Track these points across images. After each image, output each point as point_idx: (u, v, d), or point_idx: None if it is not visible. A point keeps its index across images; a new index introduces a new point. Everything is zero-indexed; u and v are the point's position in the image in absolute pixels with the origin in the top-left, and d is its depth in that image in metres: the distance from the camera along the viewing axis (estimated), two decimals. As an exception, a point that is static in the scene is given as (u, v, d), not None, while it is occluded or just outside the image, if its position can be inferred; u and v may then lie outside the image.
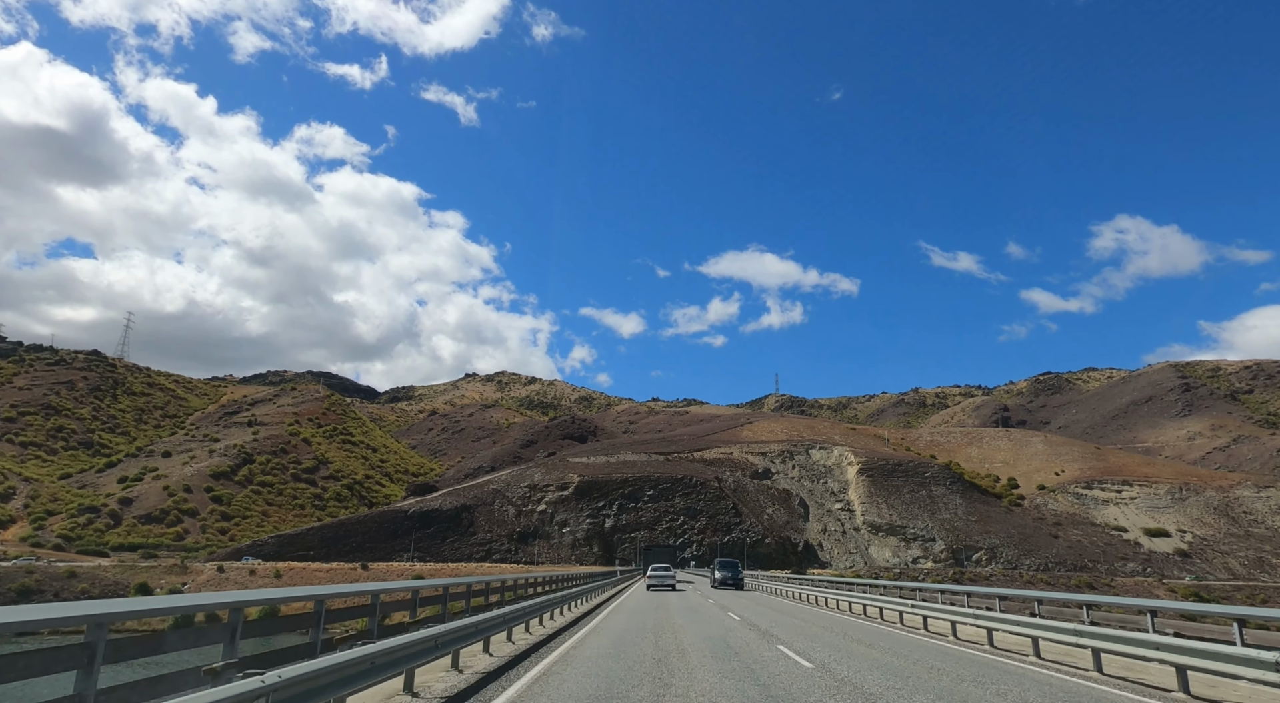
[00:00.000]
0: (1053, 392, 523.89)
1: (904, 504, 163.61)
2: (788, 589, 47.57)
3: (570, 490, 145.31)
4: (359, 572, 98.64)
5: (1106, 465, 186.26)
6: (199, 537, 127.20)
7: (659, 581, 49.82)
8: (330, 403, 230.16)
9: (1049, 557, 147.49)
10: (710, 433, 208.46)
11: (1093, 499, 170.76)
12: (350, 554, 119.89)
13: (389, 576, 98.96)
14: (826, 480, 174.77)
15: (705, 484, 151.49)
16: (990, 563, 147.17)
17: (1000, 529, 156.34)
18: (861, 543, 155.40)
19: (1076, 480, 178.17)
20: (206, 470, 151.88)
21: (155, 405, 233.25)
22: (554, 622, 23.36)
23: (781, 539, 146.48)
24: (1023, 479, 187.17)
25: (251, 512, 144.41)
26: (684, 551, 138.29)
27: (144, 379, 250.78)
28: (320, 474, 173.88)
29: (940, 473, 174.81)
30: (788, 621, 25.14)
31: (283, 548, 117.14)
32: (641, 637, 18.48)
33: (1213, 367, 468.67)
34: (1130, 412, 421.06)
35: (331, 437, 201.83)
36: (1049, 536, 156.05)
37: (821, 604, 35.61)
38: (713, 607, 31.66)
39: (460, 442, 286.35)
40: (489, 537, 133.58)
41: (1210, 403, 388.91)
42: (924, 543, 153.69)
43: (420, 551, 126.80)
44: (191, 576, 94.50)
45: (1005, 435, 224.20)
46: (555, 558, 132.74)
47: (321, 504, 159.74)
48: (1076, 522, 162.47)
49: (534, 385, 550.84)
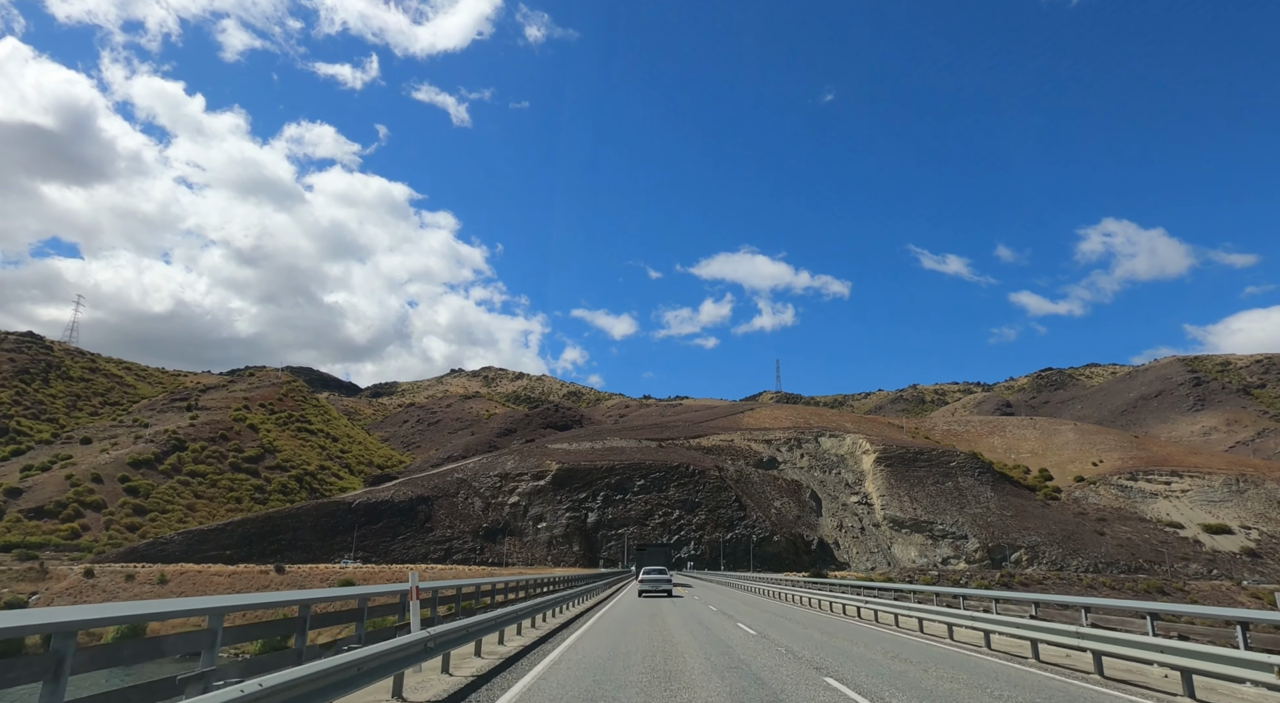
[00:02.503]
0: (1056, 387, 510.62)
1: (928, 498, 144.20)
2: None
3: (547, 480, 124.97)
4: (272, 577, 78.04)
5: (1149, 455, 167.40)
6: (99, 534, 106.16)
7: (652, 585, 41.55)
8: (289, 389, 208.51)
9: (1098, 557, 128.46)
10: (708, 419, 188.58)
11: (1139, 492, 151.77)
12: (278, 554, 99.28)
13: (311, 582, 78.49)
14: (839, 471, 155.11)
15: (704, 473, 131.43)
16: (1032, 564, 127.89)
17: (1040, 526, 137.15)
18: (883, 541, 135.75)
19: (1118, 472, 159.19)
20: (125, 458, 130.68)
21: (95, 392, 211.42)
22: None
23: (792, 537, 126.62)
24: (1056, 470, 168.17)
25: (174, 505, 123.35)
26: (680, 549, 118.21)
27: (86, 365, 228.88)
28: (265, 464, 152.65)
29: (967, 463, 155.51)
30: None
31: (193, 547, 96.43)
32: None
33: (1222, 361, 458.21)
34: (1139, 407, 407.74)
35: (285, 424, 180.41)
36: (1094, 532, 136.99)
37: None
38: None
39: (436, 434, 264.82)
40: (450, 534, 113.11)
41: (1223, 397, 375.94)
42: (954, 541, 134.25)
43: (366, 550, 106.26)
44: (50, 582, 73.81)
45: (1030, 424, 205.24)
46: (529, 558, 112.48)
47: (263, 498, 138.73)
48: (1123, 517, 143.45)
49: (521, 381, 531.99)
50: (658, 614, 26.46)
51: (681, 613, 27.05)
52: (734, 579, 65.60)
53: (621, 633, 19.26)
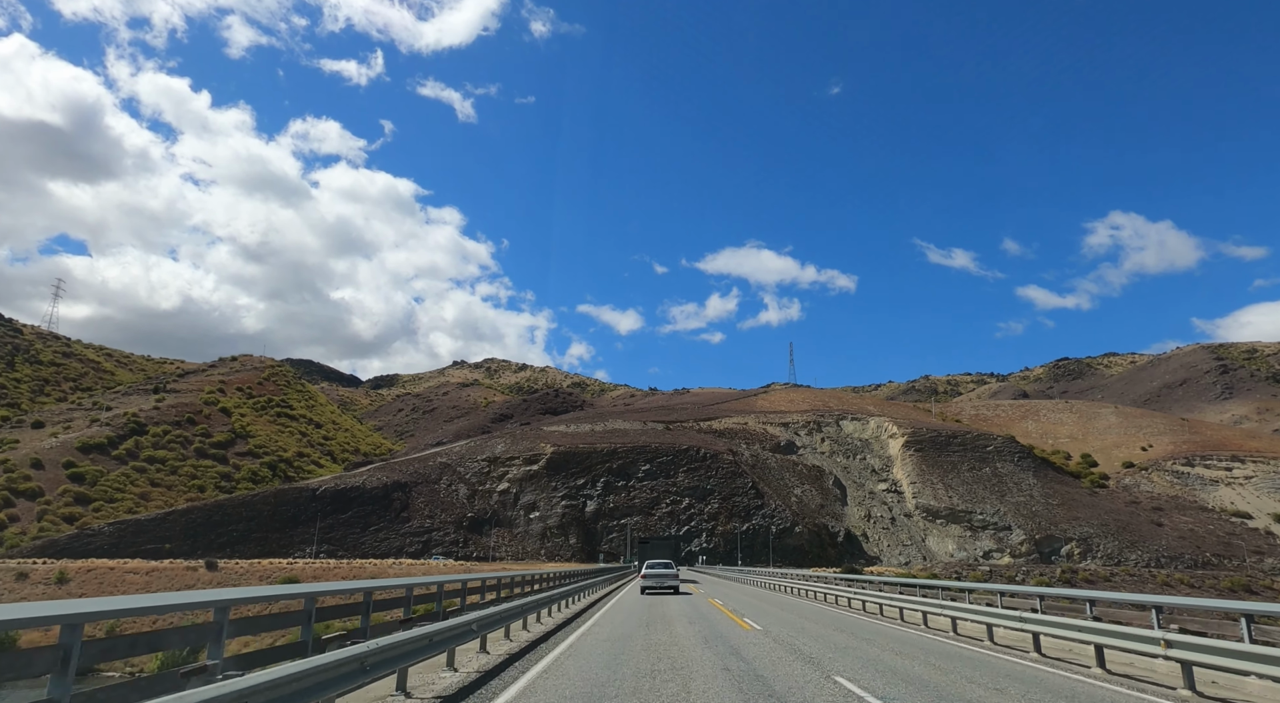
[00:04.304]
0: (1074, 377, 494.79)
1: (965, 485, 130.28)
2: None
3: (541, 464, 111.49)
4: (200, 575, 64.75)
5: (1204, 439, 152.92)
6: (29, 525, 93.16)
7: (657, 581, 36.28)
8: (271, 373, 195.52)
9: (1158, 550, 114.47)
10: (720, 402, 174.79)
11: (1197, 479, 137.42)
12: (228, 548, 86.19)
13: (248, 580, 65.23)
14: (864, 456, 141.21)
15: (717, 457, 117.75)
16: (1086, 558, 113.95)
17: (1090, 515, 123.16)
18: (916, 533, 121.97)
19: (1171, 457, 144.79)
20: (74, 443, 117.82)
21: (67, 377, 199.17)
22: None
23: (816, 527, 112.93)
24: (1100, 456, 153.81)
25: (125, 494, 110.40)
26: (690, 542, 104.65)
27: (60, 349, 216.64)
28: (235, 450, 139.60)
29: (1005, 447, 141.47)
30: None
31: (125, 540, 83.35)
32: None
33: (1248, 349, 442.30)
34: (1164, 395, 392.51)
35: (264, 409, 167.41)
36: (1151, 523, 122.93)
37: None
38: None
39: (431, 422, 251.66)
40: (430, 524, 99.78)
41: (1252, 385, 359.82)
42: (996, 533, 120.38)
43: (332, 542, 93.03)
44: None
45: (1067, 408, 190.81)
46: (519, 552, 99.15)
47: (230, 486, 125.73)
48: (1182, 506, 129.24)
49: (524, 373, 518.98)
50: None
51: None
52: (760, 575, 52.20)
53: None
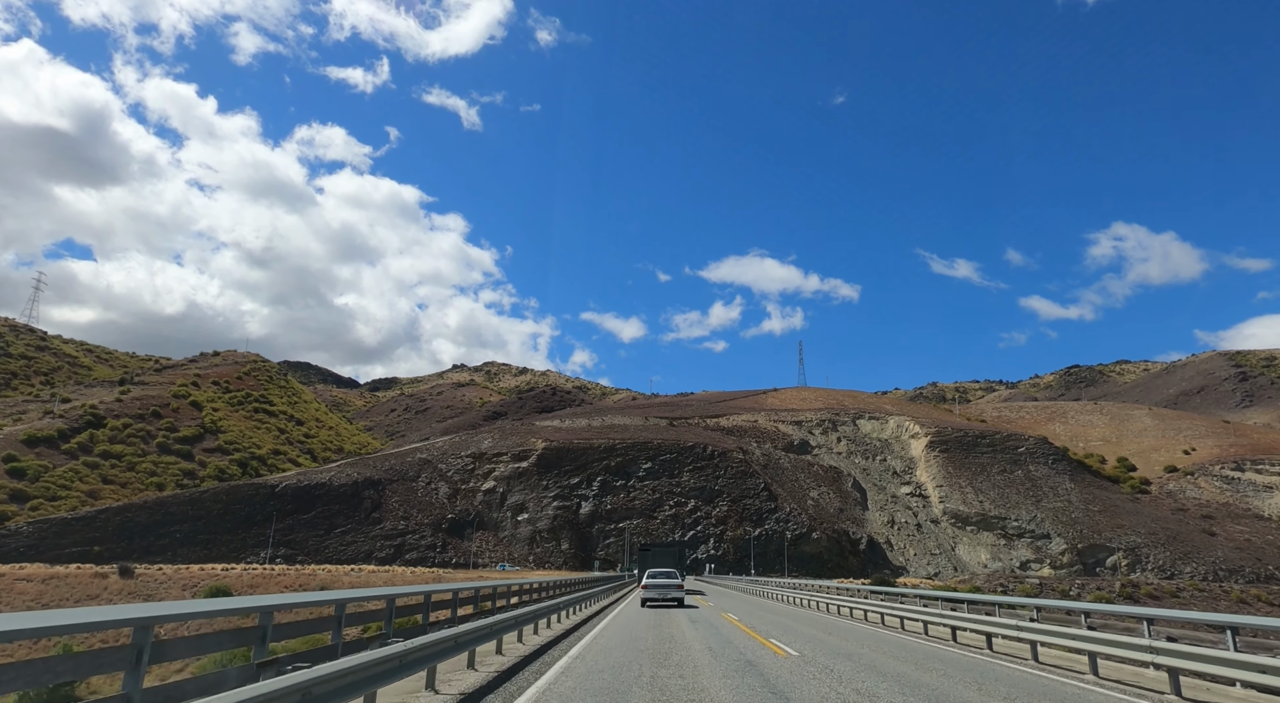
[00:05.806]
0: (1086, 384, 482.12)
1: (996, 489, 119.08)
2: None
3: (532, 461, 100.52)
4: (110, 581, 53.89)
5: (1252, 443, 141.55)
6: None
7: (659, 593, 30.73)
8: (252, 367, 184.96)
9: (1214, 562, 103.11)
10: (727, 399, 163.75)
11: (1249, 485, 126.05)
12: (169, 551, 75.36)
13: (169, 590, 54.57)
14: (885, 457, 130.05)
15: (726, 456, 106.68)
16: (1135, 570, 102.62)
17: (1136, 523, 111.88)
18: (944, 541, 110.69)
19: (1219, 461, 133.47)
20: (18, 435, 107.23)
21: (37, 371, 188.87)
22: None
23: (836, 534, 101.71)
24: (1138, 460, 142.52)
25: (71, 491, 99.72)
26: (697, 548, 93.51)
27: (34, 342, 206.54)
28: (202, 446, 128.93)
29: (1038, 449, 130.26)
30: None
31: (46, 541, 72.55)
32: None
33: (1267, 356, 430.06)
34: (1181, 403, 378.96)
35: (239, 405, 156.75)
36: (1202, 532, 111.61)
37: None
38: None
39: (423, 422, 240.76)
40: (404, 526, 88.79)
41: (1273, 392, 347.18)
42: (1034, 542, 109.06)
43: (290, 546, 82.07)
44: None
45: (1097, 410, 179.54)
46: (504, 558, 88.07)
47: (194, 483, 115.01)
48: (1235, 515, 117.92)
49: (524, 376, 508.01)
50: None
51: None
52: (776, 585, 41.25)
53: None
